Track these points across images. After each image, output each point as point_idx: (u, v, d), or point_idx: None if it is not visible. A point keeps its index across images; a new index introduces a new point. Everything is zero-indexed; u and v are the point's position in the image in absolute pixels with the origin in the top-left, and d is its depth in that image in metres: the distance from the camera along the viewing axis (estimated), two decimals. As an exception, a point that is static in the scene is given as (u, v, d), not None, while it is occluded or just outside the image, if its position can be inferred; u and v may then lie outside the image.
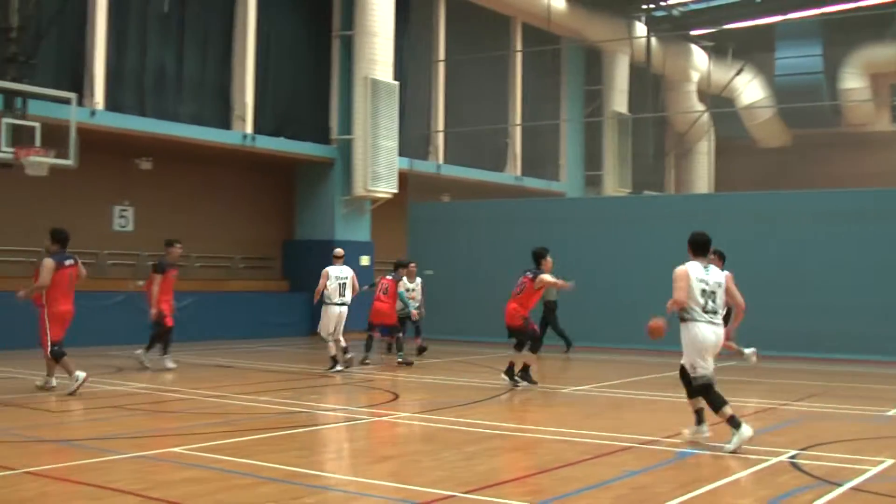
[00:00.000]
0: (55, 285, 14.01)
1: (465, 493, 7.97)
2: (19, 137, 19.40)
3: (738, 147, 43.10)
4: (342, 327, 18.19)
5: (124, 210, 25.35)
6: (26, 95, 19.85)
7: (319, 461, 9.39)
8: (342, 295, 18.20)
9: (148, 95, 23.84)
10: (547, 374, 17.99)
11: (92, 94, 22.28)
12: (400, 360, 19.11)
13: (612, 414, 13.40)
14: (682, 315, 10.22)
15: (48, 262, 14.11)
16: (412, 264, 21.89)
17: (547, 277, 15.79)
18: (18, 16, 20.09)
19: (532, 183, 35.60)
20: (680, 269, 10.27)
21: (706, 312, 10.17)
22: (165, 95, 24.27)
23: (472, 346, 23.98)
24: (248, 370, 18.33)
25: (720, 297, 10.34)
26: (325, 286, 18.18)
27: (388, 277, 20.35)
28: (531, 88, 36.60)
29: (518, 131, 35.97)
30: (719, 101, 41.87)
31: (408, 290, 21.29)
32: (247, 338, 24.55)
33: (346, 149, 27.94)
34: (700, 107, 41.41)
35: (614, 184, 38.08)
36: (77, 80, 22.25)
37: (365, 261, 28.00)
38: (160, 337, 17.99)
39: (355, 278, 18.60)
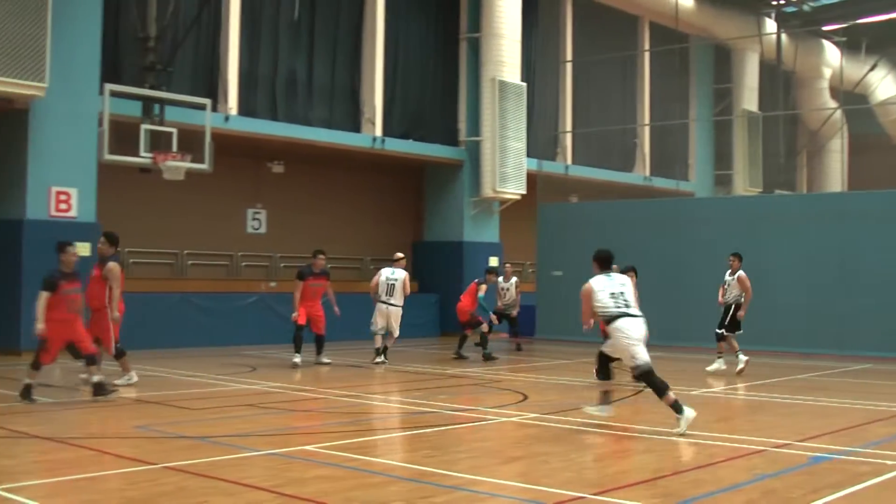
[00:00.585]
0: (120, 288, 14.34)
1: (594, 494, 7.91)
2: (157, 143, 19.96)
3: (872, 144, 41.83)
4: (393, 325, 19.49)
5: (257, 213, 25.85)
6: (164, 102, 20.41)
7: (449, 461, 9.43)
8: (389, 295, 19.32)
9: (279, 100, 24.29)
10: (679, 375, 17.77)
11: (226, 100, 22.80)
12: (483, 355, 20.24)
13: (746, 417, 13.17)
14: (604, 320, 11.72)
15: (116, 267, 14.36)
16: (507, 265, 23.88)
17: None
18: (156, 26, 20.66)
19: (661, 183, 35.21)
20: (583, 288, 11.80)
21: (620, 307, 11.42)
22: (296, 100, 24.68)
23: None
24: (380, 371, 18.49)
25: (629, 295, 11.61)
26: (377, 284, 19.47)
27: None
28: (659, 88, 36.23)
29: (646, 131, 35.63)
30: (852, 98, 40.68)
31: (502, 288, 23.19)
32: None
33: (475, 150, 28.04)
34: (832, 104, 40.38)
35: (744, 183, 37.36)
36: (211, 87, 22.81)
37: (494, 262, 28.05)
38: (298, 338, 18.46)
39: (407, 281, 19.54)
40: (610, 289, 11.52)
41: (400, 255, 20.16)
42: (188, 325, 21.86)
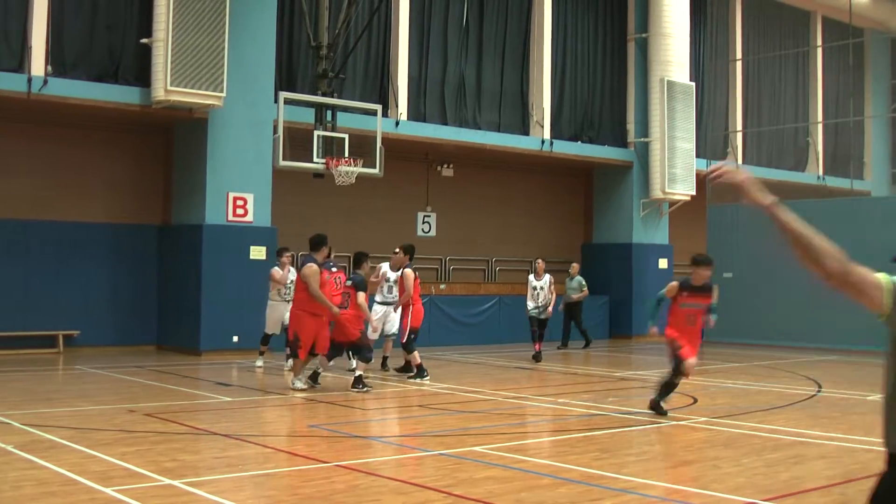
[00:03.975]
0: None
1: (767, 500, 7.76)
2: (329, 149, 20.40)
3: None
4: (389, 327, 17.43)
5: (427, 216, 26.14)
6: (336, 109, 20.84)
7: (618, 464, 9.38)
8: (389, 293, 17.49)
9: (448, 104, 24.51)
10: (851, 379, 17.27)
11: (396, 105, 23.14)
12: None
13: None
14: None
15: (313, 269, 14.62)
16: (539, 261, 21.38)
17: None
18: (329, 34, 21.13)
19: (835, 182, 34.17)
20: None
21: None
22: (465, 104, 24.87)
23: (772, 350, 23.31)
24: (548, 372, 18.51)
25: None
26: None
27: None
28: (833, 84, 35.16)
29: (819, 129, 34.62)
30: None
31: (534, 287, 20.63)
32: (550, 340, 24.49)
33: (644, 151, 27.78)
34: None
35: (925, 181, 36.03)
36: (382, 93, 23.19)
37: (663, 264, 27.73)
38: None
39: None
40: None
41: (397, 249, 17.68)
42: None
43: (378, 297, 17.46)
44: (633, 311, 27.42)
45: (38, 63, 18.30)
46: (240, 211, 20.46)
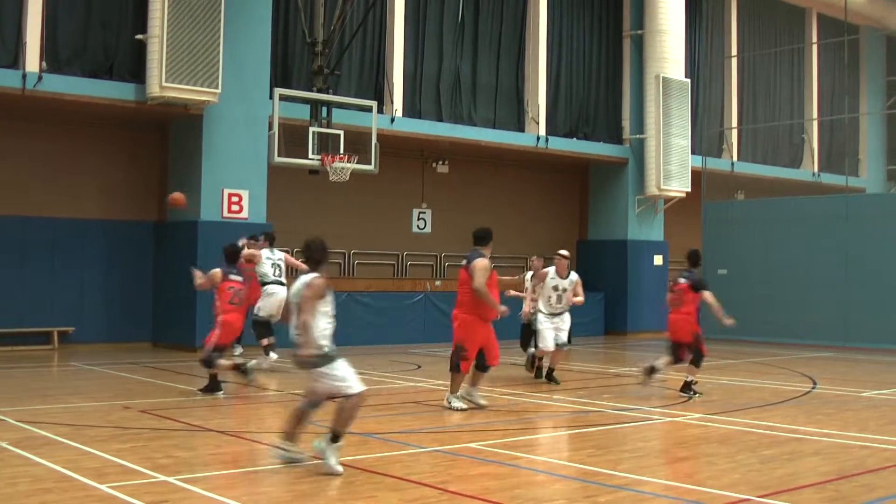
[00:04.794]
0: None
1: (761, 497, 7.78)
2: (324, 145, 20.41)
3: None
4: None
5: (423, 212, 26.14)
6: (331, 105, 20.85)
7: (613, 460, 9.38)
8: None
9: (444, 101, 24.50)
10: (846, 376, 17.30)
11: (391, 102, 23.13)
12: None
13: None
14: None
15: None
16: (534, 258, 18.41)
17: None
18: (324, 31, 21.12)
19: (830, 179, 34.18)
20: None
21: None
22: (460, 100, 24.87)
23: (767, 346, 23.33)
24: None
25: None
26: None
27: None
28: (828, 81, 35.17)
29: (815, 126, 34.65)
30: None
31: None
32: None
33: (639, 148, 27.79)
34: None
35: (920, 178, 36.08)
36: (377, 89, 23.17)
37: (658, 260, 27.76)
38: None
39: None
40: None
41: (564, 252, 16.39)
42: (355, 323, 22.20)
43: (545, 308, 15.73)
44: (629, 308, 27.48)
45: (32, 59, 18.27)
46: (235, 207, 20.44)
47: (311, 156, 20.17)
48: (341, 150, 20.37)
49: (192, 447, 10.00)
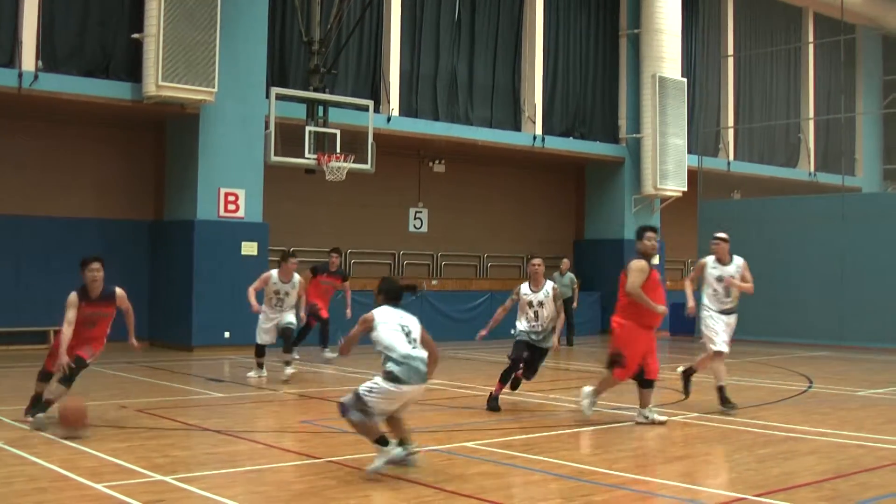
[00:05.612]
0: None
1: (758, 496, 7.78)
2: (321, 144, 20.40)
3: None
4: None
5: (419, 212, 26.14)
6: (327, 104, 20.84)
7: (610, 459, 9.38)
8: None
9: (440, 100, 24.52)
10: (843, 375, 17.30)
11: (388, 101, 23.14)
12: None
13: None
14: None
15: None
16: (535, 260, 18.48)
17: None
18: (320, 30, 21.12)
19: (826, 178, 34.22)
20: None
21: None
22: (457, 100, 24.88)
23: (763, 346, 23.32)
24: (540, 367, 18.44)
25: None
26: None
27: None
28: (824, 81, 35.22)
29: (811, 125, 34.69)
30: None
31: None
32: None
33: (636, 147, 27.81)
34: None
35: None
36: (373, 88, 23.18)
37: (654, 260, 27.74)
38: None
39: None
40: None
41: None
42: (352, 323, 22.11)
43: (713, 305, 13.85)
44: (625, 307, 27.41)
45: (28, 58, 18.25)
46: (231, 207, 20.43)
47: (307, 155, 20.16)
48: (338, 150, 20.36)
49: (189, 446, 10.00)
